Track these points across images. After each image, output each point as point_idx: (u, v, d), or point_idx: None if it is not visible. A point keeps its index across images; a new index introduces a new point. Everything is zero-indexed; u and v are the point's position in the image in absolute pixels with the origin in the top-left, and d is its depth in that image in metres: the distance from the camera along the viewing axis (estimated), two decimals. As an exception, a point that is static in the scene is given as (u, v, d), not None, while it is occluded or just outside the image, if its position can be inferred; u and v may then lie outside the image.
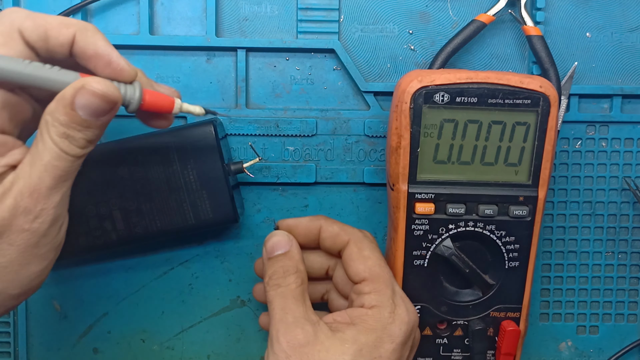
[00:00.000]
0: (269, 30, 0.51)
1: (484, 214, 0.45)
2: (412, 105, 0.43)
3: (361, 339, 0.39)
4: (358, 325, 0.40)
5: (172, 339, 0.52)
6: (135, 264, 0.51)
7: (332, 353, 0.39)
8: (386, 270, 0.43)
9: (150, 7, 0.50)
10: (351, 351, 0.39)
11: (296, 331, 0.39)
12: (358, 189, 0.52)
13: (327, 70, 0.51)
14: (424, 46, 0.51)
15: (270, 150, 0.51)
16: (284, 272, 0.42)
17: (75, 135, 0.33)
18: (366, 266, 0.42)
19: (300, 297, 0.41)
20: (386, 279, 0.42)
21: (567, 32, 0.51)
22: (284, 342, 0.39)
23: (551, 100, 0.43)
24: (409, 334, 0.41)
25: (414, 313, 0.42)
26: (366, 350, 0.39)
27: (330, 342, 0.39)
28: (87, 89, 0.33)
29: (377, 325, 0.40)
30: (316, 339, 0.39)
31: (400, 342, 0.40)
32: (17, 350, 0.52)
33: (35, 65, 0.33)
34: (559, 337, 0.54)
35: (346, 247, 0.44)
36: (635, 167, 0.52)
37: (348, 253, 0.43)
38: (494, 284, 0.46)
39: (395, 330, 0.40)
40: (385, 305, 0.41)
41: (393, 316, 0.40)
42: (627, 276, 0.53)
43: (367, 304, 0.41)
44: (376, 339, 0.40)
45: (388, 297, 0.41)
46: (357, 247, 0.43)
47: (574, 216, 0.53)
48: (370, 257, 0.43)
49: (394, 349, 0.40)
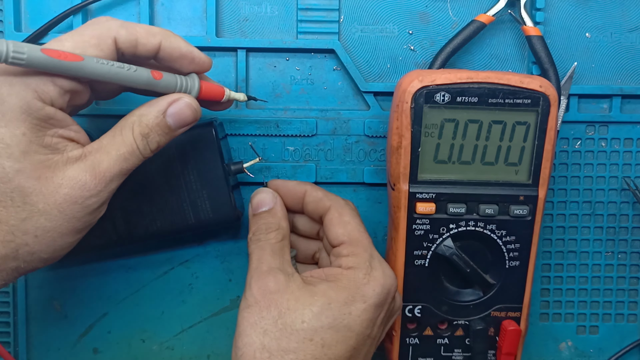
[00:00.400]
0: (269, 30, 0.51)
1: (485, 214, 0.45)
2: (412, 105, 0.43)
3: (332, 294, 0.40)
4: (331, 282, 0.41)
5: (172, 339, 0.52)
6: (135, 264, 0.51)
7: (301, 302, 0.39)
8: (365, 235, 0.43)
9: (150, 7, 0.50)
10: (319, 303, 0.39)
11: (268, 279, 0.40)
12: (358, 189, 0.52)
13: (327, 70, 0.51)
14: (424, 46, 0.51)
15: (270, 151, 0.51)
16: (266, 229, 0.43)
17: (154, 138, 0.39)
18: (345, 230, 0.43)
19: (278, 250, 0.43)
20: (364, 243, 0.42)
21: (567, 32, 0.51)
22: (255, 288, 0.40)
23: (551, 100, 0.43)
24: (384, 297, 0.41)
25: (391, 277, 0.42)
26: (335, 305, 0.40)
27: (300, 292, 0.40)
28: (183, 101, 0.39)
29: (350, 284, 0.40)
30: (287, 288, 0.40)
31: (372, 304, 0.40)
32: (17, 350, 0.51)
33: (118, 65, 0.37)
34: (559, 337, 0.54)
35: (327, 212, 0.44)
36: (635, 167, 0.52)
37: (329, 218, 0.44)
38: (495, 284, 0.46)
39: (369, 291, 0.40)
40: (362, 267, 0.41)
41: (368, 277, 0.41)
42: (627, 276, 0.53)
43: (344, 265, 0.42)
44: (348, 296, 0.40)
45: (365, 259, 0.42)
46: (338, 212, 0.44)
47: (574, 216, 0.53)
48: (350, 222, 0.43)
49: (365, 309, 0.40)
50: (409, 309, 0.47)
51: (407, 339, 0.47)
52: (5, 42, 0.33)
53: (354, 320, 0.40)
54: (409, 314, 0.47)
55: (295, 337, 0.39)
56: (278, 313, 0.39)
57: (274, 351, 0.38)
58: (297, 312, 0.39)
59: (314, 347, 0.39)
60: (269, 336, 0.39)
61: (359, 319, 0.40)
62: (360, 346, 0.40)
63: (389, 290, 0.41)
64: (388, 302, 0.42)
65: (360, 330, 0.40)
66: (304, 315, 0.39)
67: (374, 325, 0.41)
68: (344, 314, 0.39)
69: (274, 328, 0.39)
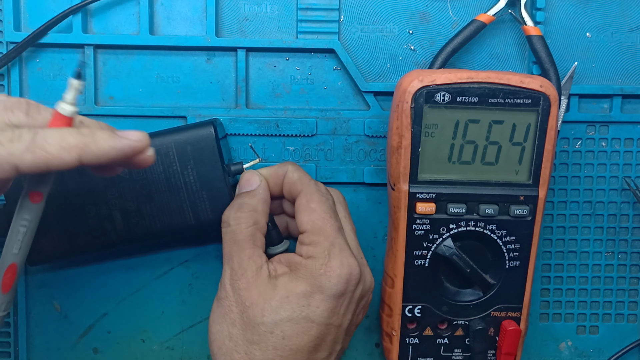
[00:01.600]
0: (269, 30, 0.51)
1: (485, 214, 0.45)
2: (413, 105, 0.43)
3: (290, 286, 0.41)
4: (292, 273, 0.42)
5: (172, 339, 0.52)
6: (135, 264, 0.51)
7: (262, 297, 0.41)
8: (330, 223, 0.42)
9: (150, 7, 0.50)
10: (278, 297, 0.41)
11: (238, 277, 0.42)
12: (358, 189, 0.52)
13: (327, 70, 0.51)
14: (424, 46, 0.51)
15: (270, 150, 0.51)
16: (238, 209, 0.44)
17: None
18: (310, 218, 0.43)
19: (248, 238, 0.43)
20: (327, 232, 0.42)
21: (567, 32, 0.51)
22: (227, 284, 0.42)
23: (551, 100, 0.43)
24: (342, 287, 0.41)
25: (349, 266, 0.41)
26: (293, 298, 0.40)
27: (264, 287, 0.41)
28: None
29: (307, 274, 0.41)
30: (253, 284, 0.41)
31: (330, 295, 0.41)
32: (17, 350, 0.51)
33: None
34: (559, 337, 0.54)
35: (297, 198, 0.44)
36: (635, 167, 0.52)
37: (298, 204, 0.44)
38: (495, 284, 0.46)
39: (325, 281, 0.41)
40: (319, 256, 0.41)
41: (325, 268, 0.41)
42: (627, 276, 0.53)
43: (305, 254, 0.42)
44: (305, 288, 0.41)
45: (324, 249, 0.41)
46: (306, 198, 0.43)
47: (574, 216, 0.53)
48: (315, 209, 0.43)
49: (324, 300, 0.40)
50: (409, 309, 0.47)
51: (407, 339, 0.47)
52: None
53: (313, 312, 0.40)
54: (409, 314, 0.47)
55: (257, 330, 0.40)
56: (243, 308, 0.41)
57: (239, 341, 0.41)
58: (259, 306, 0.41)
59: (275, 339, 0.40)
60: (236, 327, 0.41)
61: (318, 310, 0.40)
62: (323, 335, 0.41)
63: (348, 279, 0.41)
64: (350, 290, 0.42)
65: (320, 320, 0.41)
66: (264, 310, 0.40)
67: (337, 314, 0.41)
68: (302, 306, 0.40)
69: (240, 321, 0.41)
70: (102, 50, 0.50)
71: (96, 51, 0.50)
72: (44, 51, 0.50)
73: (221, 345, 0.42)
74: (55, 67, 0.50)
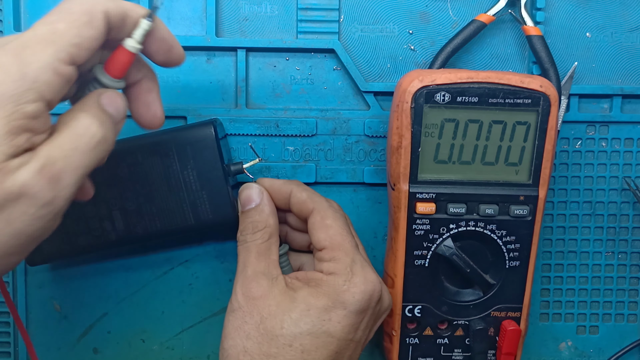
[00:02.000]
0: (269, 30, 0.51)
1: (485, 214, 0.45)
2: (413, 105, 0.43)
3: (311, 300, 0.40)
4: (312, 287, 0.41)
5: (172, 339, 0.52)
6: (135, 264, 0.51)
7: (281, 308, 0.40)
8: (348, 239, 0.43)
9: (150, 7, 0.50)
10: (299, 309, 0.40)
11: (251, 284, 0.41)
12: (358, 189, 0.52)
13: (327, 70, 0.51)
14: (424, 46, 0.51)
15: (270, 150, 0.51)
16: (253, 228, 0.44)
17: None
18: (327, 235, 0.43)
19: (264, 251, 0.43)
20: (346, 247, 0.42)
21: (567, 32, 0.51)
22: (240, 293, 0.41)
23: (551, 99, 0.43)
24: (365, 303, 0.41)
25: (372, 283, 0.41)
26: (314, 311, 0.40)
27: (281, 298, 0.40)
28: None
29: (329, 290, 0.40)
30: (269, 294, 0.41)
31: (353, 310, 0.40)
32: (17, 350, 0.51)
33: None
34: (559, 337, 0.54)
35: (310, 216, 0.44)
36: (635, 167, 0.52)
37: (312, 221, 0.44)
38: (495, 284, 0.46)
39: (349, 297, 0.40)
40: (342, 273, 0.41)
41: (348, 284, 0.41)
42: (627, 276, 0.53)
43: (326, 270, 0.42)
44: (327, 303, 0.40)
45: (346, 265, 0.41)
46: (320, 215, 0.43)
47: (574, 216, 0.53)
48: (332, 226, 0.43)
49: (346, 315, 0.40)
50: (409, 309, 0.47)
51: (407, 339, 0.47)
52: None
53: (334, 327, 0.40)
54: (409, 314, 0.47)
55: (276, 343, 0.39)
56: (260, 318, 0.40)
57: (255, 355, 0.40)
58: (277, 318, 0.40)
59: (294, 353, 0.39)
60: (252, 340, 0.40)
61: (339, 325, 0.40)
62: (342, 350, 0.41)
63: (371, 296, 0.41)
64: (372, 307, 0.42)
65: (341, 336, 0.40)
66: (284, 322, 0.40)
67: (357, 330, 0.41)
68: (323, 320, 0.40)
69: (256, 333, 0.40)
70: (102, 50, 0.50)
71: (96, 51, 0.50)
72: (44, 51, 0.50)
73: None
74: (55, 67, 0.50)
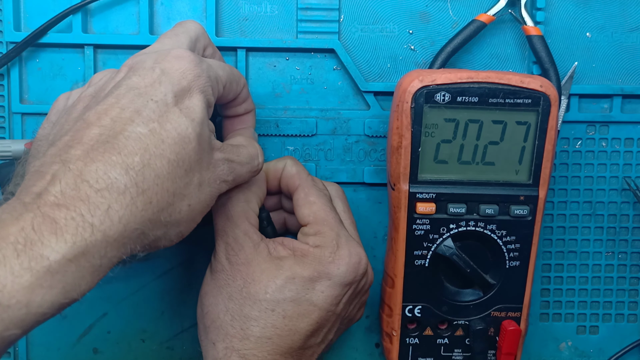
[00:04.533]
0: (269, 30, 0.51)
1: (485, 214, 0.45)
2: (413, 105, 0.43)
3: (297, 269, 0.41)
4: (298, 257, 0.41)
5: (172, 339, 0.52)
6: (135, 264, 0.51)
7: (266, 274, 0.40)
8: (332, 214, 0.43)
9: (150, 7, 0.50)
10: (283, 276, 0.40)
11: (235, 249, 0.42)
12: (358, 189, 0.52)
13: (327, 70, 0.51)
14: (424, 46, 0.51)
15: (270, 150, 0.51)
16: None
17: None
18: (311, 210, 0.43)
19: (241, 214, 0.43)
20: (331, 222, 0.43)
21: (567, 32, 0.51)
22: (223, 257, 0.42)
23: (551, 99, 0.43)
24: (351, 276, 0.41)
25: (357, 255, 0.42)
26: (299, 280, 0.40)
27: (266, 265, 0.41)
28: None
29: (315, 261, 0.41)
30: (253, 260, 0.41)
31: (338, 282, 0.41)
32: (17, 350, 0.51)
33: None
34: (559, 337, 0.54)
35: (295, 192, 0.44)
36: (635, 167, 0.52)
37: (296, 198, 0.44)
38: (495, 284, 0.46)
39: (334, 269, 0.41)
40: (328, 245, 0.41)
41: (334, 256, 0.41)
42: (627, 276, 0.53)
43: (312, 243, 0.42)
44: (312, 273, 0.41)
45: (331, 238, 0.42)
46: (304, 192, 0.44)
47: (574, 216, 0.53)
48: (315, 202, 0.43)
49: (330, 286, 0.41)
50: (409, 309, 0.47)
51: (407, 339, 0.47)
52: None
53: (317, 296, 0.41)
54: (409, 314, 0.47)
55: (258, 307, 0.40)
56: (243, 283, 0.41)
57: (236, 316, 0.41)
58: (262, 283, 0.40)
59: (275, 317, 0.40)
60: (233, 302, 0.41)
61: (322, 295, 0.41)
62: (323, 321, 0.41)
63: (356, 268, 0.42)
64: (357, 280, 0.42)
65: (323, 306, 0.41)
66: (268, 287, 0.40)
67: (339, 303, 0.42)
68: (307, 289, 0.40)
69: (239, 295, 0.41)
70: (102, 50, 0.50)
71: (96, 51, 0.50)
72: (43, 51, 0.50)
73: (215, 319, 0.41)
74: (55, 67, 0.50)
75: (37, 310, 0.28)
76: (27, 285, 0.27)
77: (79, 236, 0.29)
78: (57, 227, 0.29)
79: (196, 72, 0.36)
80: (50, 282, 0.28)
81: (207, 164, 0.36)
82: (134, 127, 0.33)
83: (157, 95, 0.34)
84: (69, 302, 0.29)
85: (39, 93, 0.50)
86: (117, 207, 0.31)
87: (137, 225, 0.32)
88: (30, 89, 0.50)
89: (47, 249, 0.28)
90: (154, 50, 0.38)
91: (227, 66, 0.41)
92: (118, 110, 0.33)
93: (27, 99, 0.50)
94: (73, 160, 0.31)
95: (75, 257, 0.29)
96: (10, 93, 0.50)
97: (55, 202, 0.29)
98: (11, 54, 0.48)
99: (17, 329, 0.27)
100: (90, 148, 0.32)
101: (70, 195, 0.30)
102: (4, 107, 0.50)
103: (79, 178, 0.30)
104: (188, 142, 0.34)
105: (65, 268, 0.28)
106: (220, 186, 0.38)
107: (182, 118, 0.34)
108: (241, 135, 0.43)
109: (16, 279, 0.27)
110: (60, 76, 0.50)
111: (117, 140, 0.32)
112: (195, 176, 0.35)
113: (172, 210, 0.34)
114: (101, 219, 0.30)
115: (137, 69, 0.36)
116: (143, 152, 0.32)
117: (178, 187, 0.34)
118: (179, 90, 0.35)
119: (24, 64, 0.50)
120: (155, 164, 0.33)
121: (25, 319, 0.28)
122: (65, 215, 0.29)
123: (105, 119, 0.33)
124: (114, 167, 0.31)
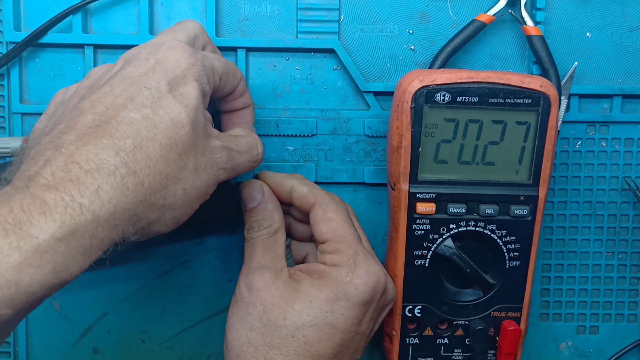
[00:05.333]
0: (269, 30, 0.51)
1: (485, 214, 0.45)
2: (413, 105, 0.43)
3: (313, 292, 0.40)
4: (314, 279, 0.41)
5: (172, 339, 0.52)
6: (135, 264, 0.51)
7: (284, 299, 0.40)
8: (350, 231, 0.43)
9: (150, 7, 0.50)
10: (301, 300, 0.40)
11: (254, 276, 0.41)
12: (358, 189, 0.52)
13: (327, 70, 0.51)
14: (424, 46, 0.51)
15: (270, 150, 0.51)
16: (258, 226, 0.44)
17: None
18: (329, 227, 0.42)
19: (270, 245, 0.43)
20: (349, 240, 0.42)
21: (567, 32, 0.51)
22: (242, 284, 0.42)
23: (551, 99, 0.43)
24: (369, 295, 0.41)
25: (376, 274, 0.41)
26: (317, 303, 0.40)
27: (285, 289, 0.40)
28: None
29: (332, 282, 0.40)
30: (272, 285, 0.41)
31: (357, 302, 0.40)
32: (17, 350, 0.51)
33: None
34: (559, 337, 0.54)
35: (312, 209, 0.44)
36: (635, 167, 0.52)
37: (313, 215, 0.44)
38: (495, 284, 0.46)
39: (352, 289, 0.40)
40: (345, 265, 0.41)
41: (351, 276, 0.40)
42: (627, 276, 0.53)
43: (329, 262, 0.42)
44: (330, 294, 0.40)
45: (349, 257, 0.41)
46: (321, 209, 0.43)
47: (574, 216, 0.53)
48: (333, 218, 0.43)
49: (349, 307, 0.40)
50: (409, 309, 0.47)
51: (407, 339, 0.47)
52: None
53: (337, 319, 0.40)
54: (409, 314, 0.47)
55: (279, 334, 0.39)
56: (263, 309, 0.40)
57: (259, 346, 0.40)
58: (280, 308, 0.40)
59: (297, 344, 0.39)
60: (255, 331, 0.40)
61: (342, 317, 0.40)
62: (346, 342, 0.41)
63: (374, 288, 0.41)
64: (376, 298, 0.41)
65: (344, 328, 0.40)
66: (286, 312, 0.40)
67: (361, 322, 0.41)
68: (326, 312, 0.40)
69: (259, 324, 0.40)
70: (102, 50, 0.50)
71: (96, 51, 0.50)
72: (43, 51, 0.50)
73: (239, 353, 0.40)
74: (55, 67, 0.50)
75: (27, 290, 0.28)
76: (16, 265, 0.27)
77: (68, 216, 0.29)
78: (47, 208, 0.29)
79: (190, 61, 0.36)
80: (39, 261, 0.28)
81: (203, 150, 0.36)
82: (127, 113, 0.33)
83: (150, 83, 0.35)
84: (60, 282, 0.29)
85: (39, 93, 0.50)
86: (107, 188, 0.31)
87: (128, 206, 0.32)
88: (30, 89, 0.50)
89: (36, 229, 0.28)
90: (150, 44, 0.38)
91: (223, 59, 0.41)
92: (112, 97, 0.34)
93: (27, 99, 0.50)
94: (65, 145, 0.31)
95: (65, 237, 0.29)
96: (10, 93, 0.50)
97: (45, 183, 0.30)
98: (11, 54, 0.48)
99: (7, 308, 0.27)
100: (83, 134, 0.32)
101: (60, 177, 0.30)
102: (4, 107, 0.50)
103: (69, 160, 0.30)
104: (181, 127, 0.34)
105: (54, 247, 0.28)
106: (218, 173, 0.38)
107: (175, 104, 0.35)
108: (239, 127, 0.43)
109: (5, 257, 0.27)
110: (60, 76, 0.50)
111: (109, 124, 0.32)
112: (190, 160, 0.35)
113: (166, 193, 0.34)
114: (91, 199, 0.30)
115: (131, 61, 0.36)
116: (135, 136, 0.32)
117: (172, 170, 0.34)
118: (173, 78, 0.35)
119: (24, 64, 0.50)
120: (147, 147, 0.33)
121: (15, 298, 0.28)
122: (55, 196, 0.29)
123: (99, 107, 0.33)
124: (104, 149, 0.31)
